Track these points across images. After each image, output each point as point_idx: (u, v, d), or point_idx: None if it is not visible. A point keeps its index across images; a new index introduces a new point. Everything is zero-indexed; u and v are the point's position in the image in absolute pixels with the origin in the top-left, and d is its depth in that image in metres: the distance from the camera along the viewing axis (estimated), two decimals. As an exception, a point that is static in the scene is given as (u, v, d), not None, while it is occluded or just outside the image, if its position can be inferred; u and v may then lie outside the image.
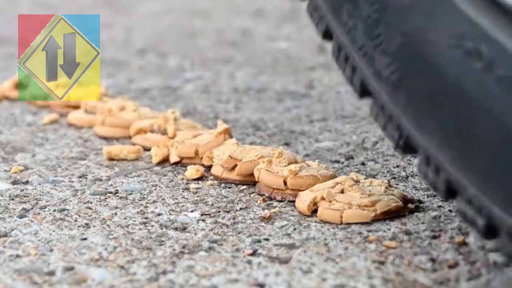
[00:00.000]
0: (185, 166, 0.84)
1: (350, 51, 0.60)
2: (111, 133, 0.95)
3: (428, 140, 0.54)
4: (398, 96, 0.56)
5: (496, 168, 0.50)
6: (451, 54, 0.51)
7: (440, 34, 0.52)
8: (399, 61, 0.55)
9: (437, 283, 0.58)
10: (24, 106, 1.09)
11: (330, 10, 0.62)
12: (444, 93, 0.52)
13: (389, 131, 0.58)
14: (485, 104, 0.50)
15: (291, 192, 0.74)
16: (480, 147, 0.51)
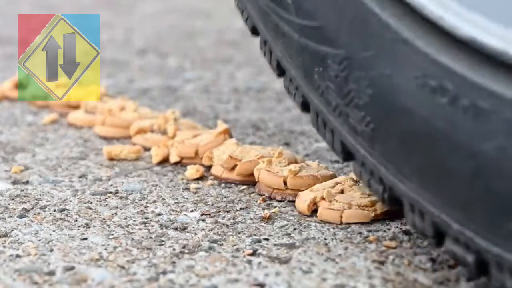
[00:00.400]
0: (185, 166, 0.84)
1: (326, 115, 0.61)
2: (111, 133, 0.95)
3: (408, 186, 0.55)
4: (375, 147, 0.57)
5: (473, 196, 0.50)
6: (418, 95, 0.52)
7: (405, 77, 0.53)
8: (372, 112, 0.56)
9: (437, 283, 0.58)
10: (24, 106, 1.09)
11: (303, 78, 0.63)
12: (415, 134, 0.53)
13: (374, 187, 0.59)
14: (454, 136, 0.51)
15: (291, 192, 0.74)
16: (455, 180, 0.51)
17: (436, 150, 0.52)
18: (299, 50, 0.62)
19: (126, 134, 0.94)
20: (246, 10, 0.70)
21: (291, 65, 0.64)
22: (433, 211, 0.53)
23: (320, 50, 0.59)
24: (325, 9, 0.58)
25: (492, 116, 0.48)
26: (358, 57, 0.56)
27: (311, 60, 0.61)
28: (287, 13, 0.62)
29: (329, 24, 0.58)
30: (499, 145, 0.48)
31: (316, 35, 0.59)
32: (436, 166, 0.52)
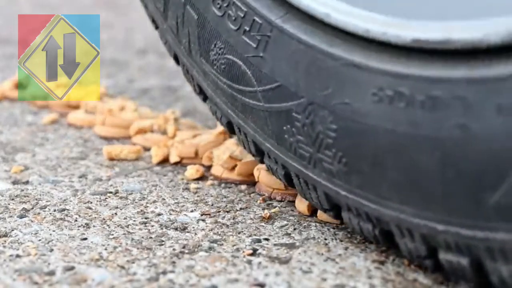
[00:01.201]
0: (185, 166, 0.84)
1: (304, 172, 0.62)
2: (111, 133, 0.95)
3: (391, 206, 0.55)
4: (352, 181, 0.57)
5: (448, 188, 0.51)
6: (378, 110, 0.54)
7: (363, 98, 0.55)
8: (341, 146, 0.57)
9: (437, 283, 0.58)
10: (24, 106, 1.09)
11: (277, 146, 0.64)
12: (385, 150, 0.54)
13: (365, 228, 0.59)
14: (418, 135, 0.52)
15: (291, 192, 0.74)
16: (429, 179, 0.52)
17: (405, 157, 0.53)
18: (267, 117, 0.64)
19: (126, 134, 0.94)
20: (215, 104, 0.71)
21: (265, 138, 0.65)
22: (418, 223, 0.54)
23: (284, 107, 0.61)
24: (282, 67, 0.61)
25: (446, 100, 0.50)
26: (319, 98, 0.58)
27: (278, 121, 0.62)
28: (249, 85, 0.64)
29: (288, 79, 0.60)
30: (459, 124, 0.49)
31: (278, 94, 0.61)
32: (409, 173, 0.53)
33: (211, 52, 0.68)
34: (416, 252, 0.56)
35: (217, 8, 0.66)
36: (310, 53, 0.58)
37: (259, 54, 0.62)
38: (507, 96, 0.48)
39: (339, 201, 0.60)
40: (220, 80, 0.67)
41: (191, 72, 0.73)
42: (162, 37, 0.78)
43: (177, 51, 0.74)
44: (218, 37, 0.66)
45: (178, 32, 0.72)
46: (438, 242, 0.53)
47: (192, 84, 0.75)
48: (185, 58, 0.73)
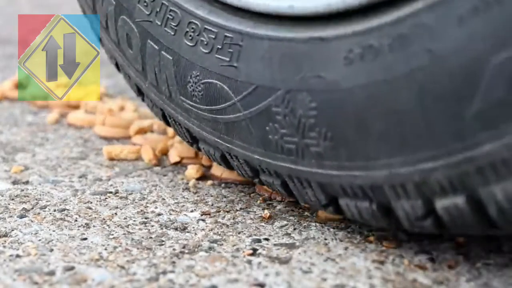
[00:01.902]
0: (185, 166, 0.84)
1: (295, 168, 0.63)
2: (111, 133, 0.95)
3: (382, 166, 0.56)
4: (341, 155, 0.59)
5: (432, 119, 0.53)
6: (350, 71, 0.56)
7: (334, 66, 0.57)
8: (323, 122, 0.59)
9: (437, 283, 0.58)
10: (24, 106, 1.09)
11: (265, 153, 0.65)
12: (364, 109, 0.56)
13: (363, 209, 0.60)
14: (394, 79, 0.54)
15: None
16: (412, 118, 0.54)
17: (385, 105, 0.55)
18: (248, 124, 0.65)
19: (126, 134, 0.95)
20: (205, 141, 0.73)
21: (252, 150, 0.66)
22: (409, 171, 0.55)
23: (263, 106, 0.63)
24: (257, 69, 0.63)
25: (411, 34, 0.53)
26: (295, 83, 0.60)
27: (260, 123, 0.64)
28: (227, 100, 0.66)
29: (264, 78, 0.62)
30: (426, 49, 0.52)
31: (256, 96, 0.63)
32: (392, 119, 0.55)
33: (188, 84, 0.70)
34: (413, 212, 0.56)
35: (188, 40, 0.69)
36: (281, 46, 0.61)
37: (233, 64, 0.65)
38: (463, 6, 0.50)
39: (333, 188, 0.61)
40: (200, 109, 0.70)
41: (177, 119, 0.74)
42: (147, 99, 0.79)
43: (164, 107, 0.76)
44: (193, 67, 0.69)
45: (158, 83, 0.74)
46: (432, 187, 0.54)
47: (182, 132, 0.76)
48: (169, 107, 0.75)
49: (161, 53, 0.72)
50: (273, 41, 0.62)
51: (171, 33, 0.71)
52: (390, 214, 0.58)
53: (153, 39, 0.73)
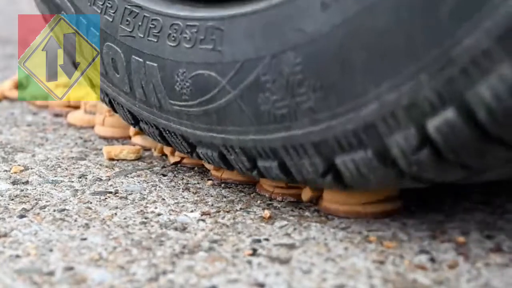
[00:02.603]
0: (185, 166, 0.84)
1: (294, 138, 0.64)
2: (111, 133, 0.95)
3: (372, 98, 0.57)
4: (331, 101, 0.59)
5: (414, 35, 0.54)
6: (327, 14, 0.59)
7: (312, 16, 0.60)
8: (311, 73, 0.60)
9: (437, 283, 0.58)
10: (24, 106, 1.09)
11: (262, 132, 0.66)
12: (345, 44, 0.58)
13: (361, 162, 0.60)
14: (368, 5, 0.56)
15: (291, 192, 0.74)
16: (394, 38, 0.55)
17: (365, 36, 0.57)
18: (240, 103, 0.66)
19: (126, 134, 0.94)
20: (201, 143, 0.74)
21: (246, 131, 0.67)
22: (396, 97, 0.56)
23: (252, 79, 0.64)
24: (241, 46, 0.65)
25: None
26: (279, 45, 0.62)
27: (251, 97, 0.65)
28: (217, 85, 0.68)
29: (248, 51, 0.65)
30: None
31: (243, 72, 0.65)
32: (374, 46, 0.56)
33: (176, 84, 0.71)
34: (407, 145, 0.56)
35: (171, 41, 0.71)
36: (260, 18, 0.64)
37: (218, 49, 0.67)
38: None
39: (328, 145, 0.61)
40: (191, 107, 0.71)
41: (171, 128, 0.75)
42: (142, 123, 0.81)
43: (157, 122, 0.77)
44: (179, 65, 0.71)
45: (147, 96, 0.76)
46: (421, 107, 0.54)
47: (179, 143, 0.76)
48: (161, 118, 0.76)
49: (146, 64, 0.74)
50: (252, 15, 0.64)
51: (154, 40, 0.73)
52: (386, 158, 0.58)
53: (137, 53, 0.75)
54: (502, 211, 0.71)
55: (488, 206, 0.73)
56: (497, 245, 0.64)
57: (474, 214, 0.71)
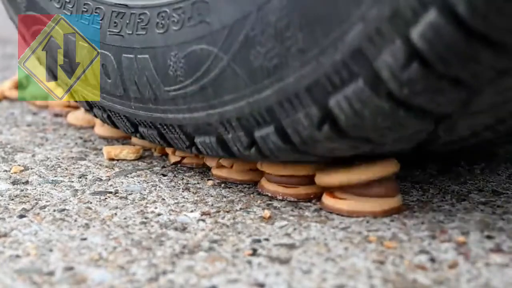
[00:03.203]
0: (185, 166, 0.84)
1: (285, 85, 0.64)
2: (111, 133, 0.95)
3: (357, 21, 0.58)
4: (317, 33, 0.60)
5: None
6: None
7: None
8: (296, 14, 0.61)
9: (437, 283, 0.58)
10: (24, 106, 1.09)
11: (262, 98, 0.67)
12: None
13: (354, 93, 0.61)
14: None
15: (292, 192, 0.74)
16: None
17: None
18: (234, 67, 0.67)
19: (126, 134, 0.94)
20: (199, 131, 0.74)
21: (243, 96, 0.67)
22: None
23: (241, 38, 0.65)
24: (228, 10, 0.66)
25: None
26: None
27: (244, 56, 0.66)
28: (210, 55, 0.69)
29: (235, 13, 0.66)
30: None
31: (232, 34, 0.66)
32: None
33: (169, 69, 0.72)
34: (395, 62, 0.57)
35: (160, 29, 0.73)
36: None
37: (206, 20, 0.68)
38: None
39: (321, 87, 0.61)
40: (186, 87, 0.71)
41: (169, 121, 0.75)
42: (141, 127, 0.81)
43: (154, 120, 0.77)
44: (170, 49, 0.72)
45: (141, 92, 0.76)
46: (403, 10, 0.55)
47: (179, 139, 0.77)
48: (157, 112, 0.76)
49: (137, 58, 0.75)
50: None
51: (142, 33, 0.74)
52: (378, 85, 0.58)
53: (127, 51, 0.76)
54: (502, 211, 0.71)
55: (488, 206, 0.73)
56: (497, 245, 0.64)
57: (474, 214, 0.71)
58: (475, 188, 0.77)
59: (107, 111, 0.83)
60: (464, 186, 0.78)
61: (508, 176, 0.81)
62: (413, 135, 0.64)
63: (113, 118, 0.83)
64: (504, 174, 0.82)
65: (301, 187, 0.74)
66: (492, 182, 0.79)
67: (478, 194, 0.76)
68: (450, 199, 0.75)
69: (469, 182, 0.79)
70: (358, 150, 0.67)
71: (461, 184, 0.79)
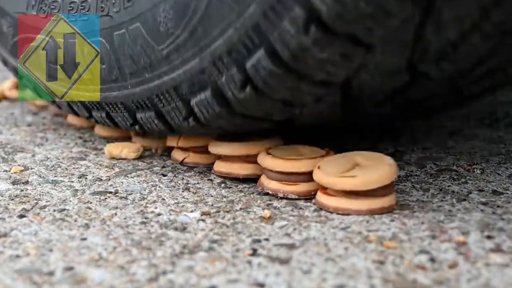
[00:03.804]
0: (186, 165, 0.84)
1: None
2: (111, 133, 0.95)
3: None
4: None
5: None
6: None
7: None
8: None
9: (437, 283, 0.58)
10: (24, 106, 1.09)
11: None
12: None
13: None
14: None
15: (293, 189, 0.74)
16: None
17: None
18: None
19: (126, 134, 0.94)
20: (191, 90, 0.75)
21: (230, 23, 0.68)
22: None
23: None
24: None
25: None
26: None
27: None
28: None
29: None
30: None
31: None
32: None
33: (160, 26, 0.74)
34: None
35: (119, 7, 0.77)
36: None
37: None
38: None
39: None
40: (178, 36, 0.73)
41: (167, 86, 0.76)
42: (140, 111, 0.82)
43: (150, 92, 0.78)
44: (157, 8, 0.73)
45: (136, 62, 0.77)
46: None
47: (176, 107, 0.77)
48: (156, 80, 0.76)
49: (128, 30, 0.76)
50: None
51: (129, 5, 0.76)
52: None
53: (117, 28, 0.78)
54: (502, 211, 0.71)
55: (488, 206, 0.73)
56: (497, 245, 0.64)
57: (474, 214, 0.71)
58: (475, 188, 0.77)
59: (105, 108, 0.83)
60: (464, 186, 0.78)
61: (508, 176, 0.81)
62: None
63: (111, 113, 0.83)
64: (504, 174, 0.82)
65: (301, 184, 0.74)
66: (492, 182, 0.79)
67: (478, 194, 0.76)
68: (450, 199, 0.75)
69: (469, 182, 0.79)
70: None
71: (461, 184, 0.79)
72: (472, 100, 0.84)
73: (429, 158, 0.87)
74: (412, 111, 0.83)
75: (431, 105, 0.81)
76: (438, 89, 0.75)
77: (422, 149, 0.90)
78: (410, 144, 0.92)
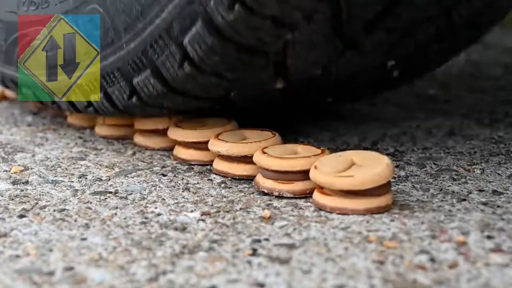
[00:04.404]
0: (186, 164, 0.84)
1: None
2: (111, 133, 0.95)
3: None
4: None
5: None
6: None
7: None
8: None
9: (437, 283, 0.58)
10: (24, 106, 1.09)
11: None
12: None
13: None
14: None
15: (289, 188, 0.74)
16: None
17: None
18: None
19: (126, 134, 0.94)
20: None
21: None
22: None
23: None
24: None
25: None
26: None
27: None
28: None
29: None
30: None
31: None
32: None
33: None
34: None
35: None
36: None
37: None
38: None
39: None
40: None
41: (160, 30, 0.76)
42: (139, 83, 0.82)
43: (144, 41, 0.78)
44: None
45: (130, 18, 0.78)
46: None
47: (165, 54, 0.77)
48: (150, 27, 0.77)
49: None
50: None
51: None
52: None
53: None
54: (502, 211, 0.71)
55: (488, 206, 0.73)
56: (497, 245, 0.64)
57: (474, 214, 0.71)
58: (475, 188, 0.77)
59: (102, 88, 0.83)
60: (464, 186, 0.78)
61: (508, 176, 0.81)
62: None
63: (108, 90, 0.83)
64: (504, 174, 0.82)
65: (297, 183, 0.74)
66: (492, 182, 0.79)
67: (478, 194, 0.76)
68: (450, 199, 0.75)
69: (469, 182, 0.79)
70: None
71: (461, 184, 0.79)
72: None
73: (429, 158, 0.87)
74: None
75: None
76: None
77: (422, 149, 0.90)
78: (410, 144, 0.92)
